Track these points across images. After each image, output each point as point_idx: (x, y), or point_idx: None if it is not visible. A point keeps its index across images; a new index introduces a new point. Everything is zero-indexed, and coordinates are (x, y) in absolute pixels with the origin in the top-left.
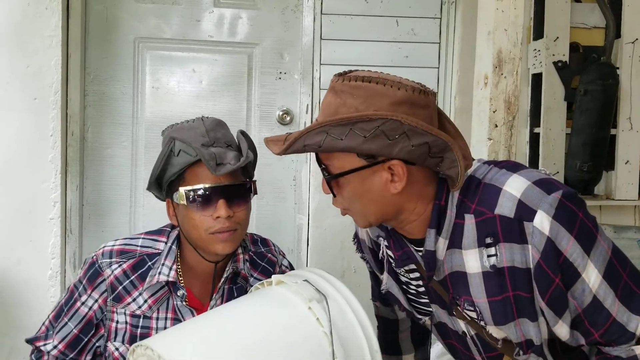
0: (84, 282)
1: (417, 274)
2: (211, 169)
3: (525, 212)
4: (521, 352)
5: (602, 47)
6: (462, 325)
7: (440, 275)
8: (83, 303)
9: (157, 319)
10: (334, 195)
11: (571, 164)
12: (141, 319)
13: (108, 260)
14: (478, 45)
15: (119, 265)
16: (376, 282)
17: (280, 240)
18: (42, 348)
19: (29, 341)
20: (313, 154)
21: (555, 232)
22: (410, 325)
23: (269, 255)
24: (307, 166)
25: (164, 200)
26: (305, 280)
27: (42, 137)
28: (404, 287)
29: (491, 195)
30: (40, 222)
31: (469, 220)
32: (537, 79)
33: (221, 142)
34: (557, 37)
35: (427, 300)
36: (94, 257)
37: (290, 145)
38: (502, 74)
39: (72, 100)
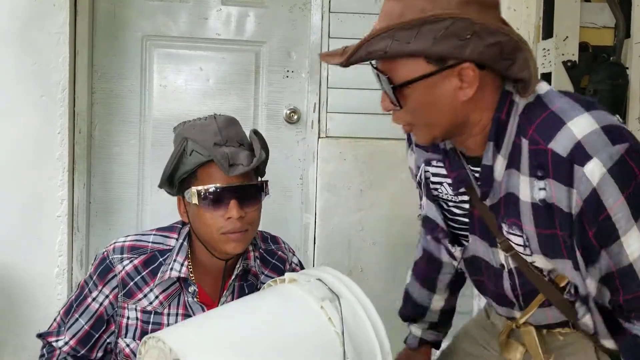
0: (95, 278)
1: (465, 197)
2: (224, 170)
3: (579, 154)
4: (571, 291)
5: (612, 46)
6: (501, 258)
7: (494, 198)
8: (94, 299)
9: (168, 314)
10: (400, 107)
11: None
12: (152, 315)
13: (119, 256)
14: None
15: (130, 261)
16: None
17: (286, 239)
18: (53, 344)
19: (41, 336)
20: (318, 149)
21: (604, 186)
22: (453, 273)
23: (279, 252)
24: (314, 165)
25: (175, 196)
26: (319, 280)
27: (49, 134)
28: (444, 210)
29: (553, 126)
30: (48, 219)
31: (525, 145)
32: (546, 79)
33: (234, 141)
34: (567, 37)
35: (465, 231)
36: (105, 252)
37: (354, 54)
38: None
39: (80, 98)
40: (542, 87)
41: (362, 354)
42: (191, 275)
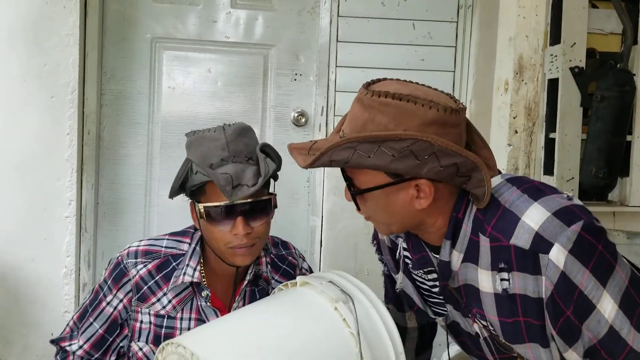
0: (109, 282)
1: (434, 275)
2: (226, 194)
3: (541, 244)
4: None
5: (619, 53)
6: (475, 328)
7: (454, 284)
8: (108, 303)
9: (181, 319)
10: (358, 209)
11: (586, 169)
12: (165, 319)
13: (133, 260)
14: (498, 50)
15: (144, 266)
16: (391, 284)
17: (293, 242)
18: (67, 348)
19: (54, 342)
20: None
21: (570, 267)
22: (418, 336)
23: (290, 258)
24: (321, 168)
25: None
26: (330, 282)
27: (58, 135)
28: (419, 286)
29: (509, 223)
30: (56, 220)
31: (484, 242)
32: (553, 85)
33: (241, 156)
34: (574, 43)
35: (441, 301)
36: (119, 257)
37: (317, 160)
38: (522, 80)
39: (89, 99)
40: (493, 182)
41: (376, 354)
42: (204, 280)
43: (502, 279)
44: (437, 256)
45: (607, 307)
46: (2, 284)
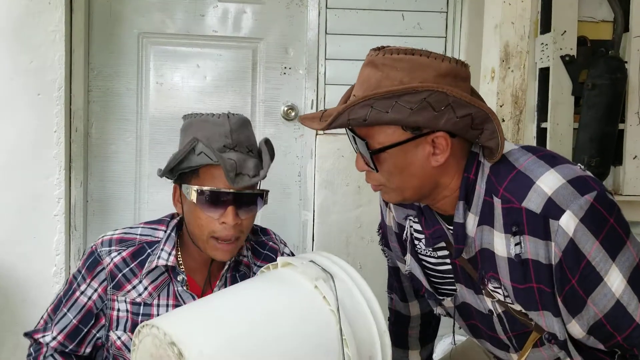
0: (83, 271)
1: (445, 252)
2: (229, 180)
3: (552, 210)
4: (547, 339)
5: (610, 41)
6: (489, 304)
7: (470, 252)
8: (82, 292)
9: (158, 305)
10: (376, 170)
11: (579, 158)
12: (142, 307)
13: (107, 248)
14: (485, 38)
15: (119, 253)
16: (396, 276)
17: (285, 237)
18: (40, 340)
19: (28, 334)
20: (316, 146)
21: (579, 235)
22: (420, 324)
23: (270, 243)
24: (312, 162)
25: (173, 182)
26: (312, 261)
27: (45, 133)
28: (426, 269)
29: (522, 186)
30: (45, 218)
31: (497, 204)
32: (544, 73)
33: (243, 147)
34: (565, 31)
35: (451, 280)
36: (93, 246)
37: (335, 120)
38: (509, 68)
39: (76, 96)
40: (507, 146)
41: (357, 332)
42: (180, 265)
43: (515, 244)
44: (451, 227)
45: (615, 281)
46: None
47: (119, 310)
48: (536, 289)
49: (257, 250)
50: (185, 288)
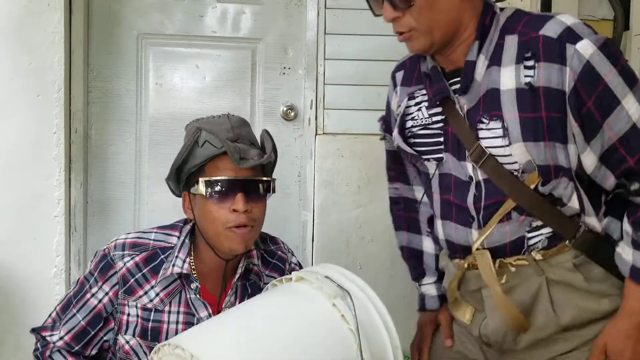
0: (95, 274)
1: (439, 117)
2: (235, 161)
3: (570, 35)
4: (549, 177)
5: (611, 39)
6: (469, 170)
7: (473, 100)
8: (93, 295)
9: (169, 312)
10: (410, 5)
11: None
12: (152, 313)
13: (120, 252)
14: None
15: (132, 258)
16: (397, 157)
17: (285, 237)
18: (47, 338)
19: (35, 330)
20: (316, 146)
21: (597, 60)
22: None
23: (279, 252)
24: (311, 162)
25: (179, 196)
26: (326, 277)
27: (45, 134)
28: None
29: (541, 19)
30: (45, 219)
31: (511, 40)
32: None
33: (245, 140)
34: None
35: (439, 148)
36: (106, 249)
37: None
38: None
39: (76, 97)
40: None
41: (373, 348)
42: (193, 272)
43: (526, 75)
44: (457, 78)
45: (632, 106)
46: None
47: (129, 314)
48: (545, 117)
49: (266, 260)
50: (197, 296)
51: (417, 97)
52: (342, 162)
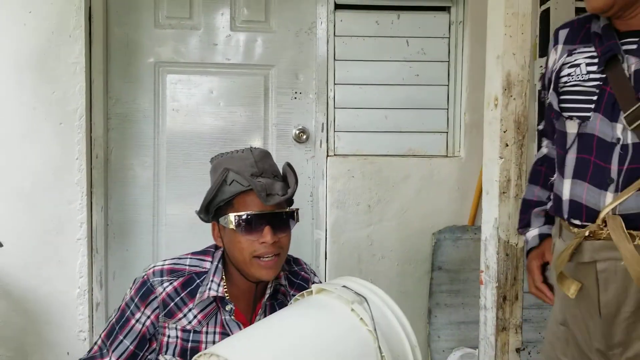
0: (136, 300)
1: (599, 76)
2: (262, 199)
3: None
4: None
5: None
6: (618, 132)
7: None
8: (137, 320)
9: (207, 333)
10: None
11: None
12: (191, 334)
13: (159, 278)
14: (488, 68)
15: (170, 283)
16: (550, 122)
17: (299, 255)
18: None
19: None
20: (327, 167)
21: None
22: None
23: (302, 273)
24: (323, 182)
25: (208, 222)
26: (344, 286)
27: (68, 160)
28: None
29: None
30: (68, 242)
31: None
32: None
33: (268, 173)
34: None
35: (588, 106)
36: (145, 276)
37: None
38: (511, 96)
39: (96, 124)
40: None
41: (393, 348)
42: (226, 294)
43: None
44: (632, 39)
45: None
46: (19, 306)
47: (169, 336)
48: None
49: (291, 280)
50: (232, 317)
51: (578, 54)
52: (352, 183)
